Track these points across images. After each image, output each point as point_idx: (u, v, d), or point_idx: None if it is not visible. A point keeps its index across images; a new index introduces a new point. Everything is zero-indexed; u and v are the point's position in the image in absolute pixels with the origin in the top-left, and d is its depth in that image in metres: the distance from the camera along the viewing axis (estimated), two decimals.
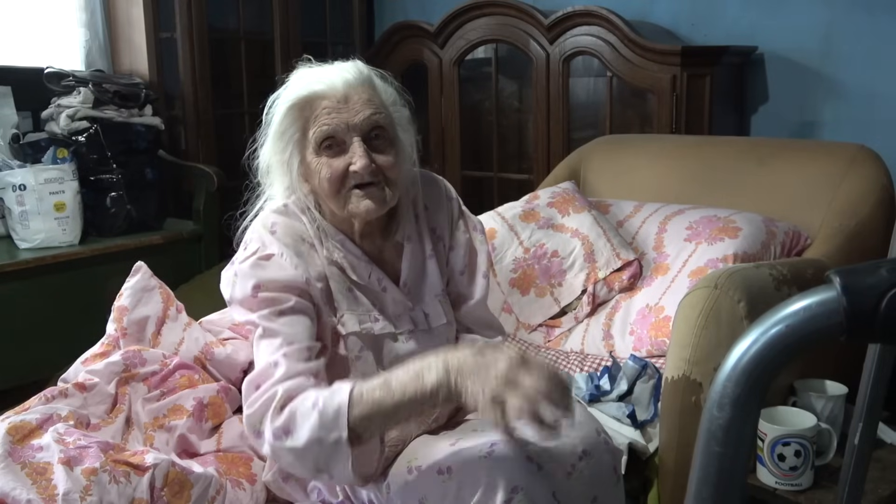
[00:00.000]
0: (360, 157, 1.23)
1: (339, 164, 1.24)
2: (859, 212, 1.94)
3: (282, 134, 1.28)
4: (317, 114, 1.25)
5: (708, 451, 0.46)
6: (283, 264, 1.25)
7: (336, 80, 1.26)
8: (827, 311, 0.44)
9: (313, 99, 1.25)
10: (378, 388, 1.10)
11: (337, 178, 1.25)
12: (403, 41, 3.09)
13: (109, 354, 1.39)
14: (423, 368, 1.10)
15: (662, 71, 2.50)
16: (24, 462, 1.13)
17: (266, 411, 1.14)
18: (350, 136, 1.24)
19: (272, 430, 1.13)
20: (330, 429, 1.10)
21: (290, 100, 1.27)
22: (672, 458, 1.53)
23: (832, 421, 1.57)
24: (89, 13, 2.82)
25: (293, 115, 1.27)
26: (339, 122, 1.24)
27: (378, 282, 1.33)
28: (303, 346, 1.20)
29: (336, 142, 1.25)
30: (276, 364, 1.17)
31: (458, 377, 1.07)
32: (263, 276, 1.23)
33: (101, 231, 2.60)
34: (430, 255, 1.39)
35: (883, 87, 2.44)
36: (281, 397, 1.14)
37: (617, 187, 2.37)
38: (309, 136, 1.26)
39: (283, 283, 1.23)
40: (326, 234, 1.31)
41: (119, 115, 2.62)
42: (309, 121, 1.26)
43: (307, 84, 1.27)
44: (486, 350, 1.10)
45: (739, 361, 0.45)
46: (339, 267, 1.30)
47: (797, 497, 1.46)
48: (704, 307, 1.50)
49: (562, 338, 2.07)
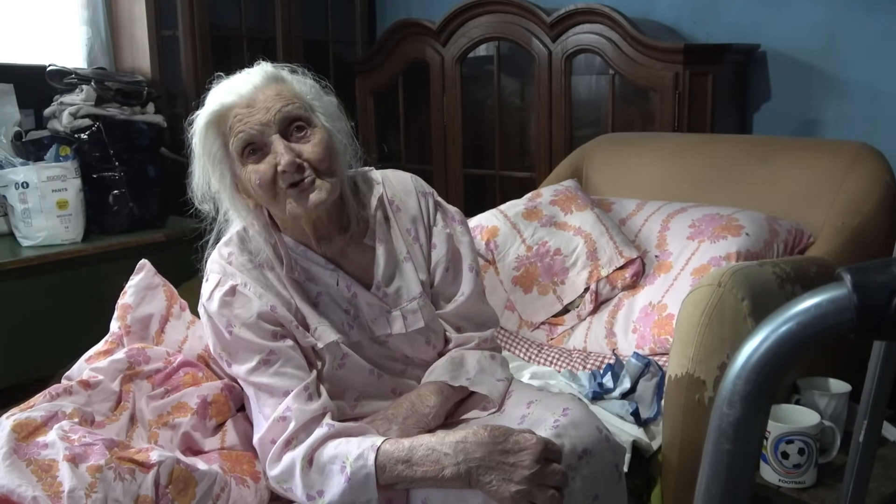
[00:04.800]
0: (282, 154, 1.20)
1: (266, 167, 1.21)
2: (862, 210, 1.94)
3: (208, 156, 1.25)
4: (230, 124, 1.22)
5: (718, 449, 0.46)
6: (248, 295, 1.25)
7: (241, 87, 1.23)
8: (838, 308, 0.44)
9: (224, 111, 1.23)
10: (401, 463, 1.14)
11: (268, 182, 1.21)
12: (405, 39, 3.09)
13: (113, 352, 1.39)
14: (442, 456, 1.13)
15: (665, 69, 2.50)
16: (29, 459, 1.13)
17: (293, 475, 1.18)
18: (268, 136, 1.21)
19: (305, 492, 1.18)
20: (360, 493, 1.15)
21: (203, 119, 1.24)
22: (675, 456, 1.53)
23: (836, 419, 1.57)
24: (91, 10, 2.83)
25: (212, 133, 1.24)
26: (252, 124, 1.21)
27: (347, 288, 1.32)
28: (299, 389, 1.22)
29: (257, 146, 1.22)
30: (284, 419, 1.20)
31: (478, 473, 1.11)
32: (232, 314, 1.25)
33: (103, 229, 2.60)
34: (405, 258, 1.37)
35: (886, 84, 2.44)
36: (304, 458, 1.18)
37: (619, 185, 2.37)
38: (230, 149, 1.23)
39: (254, 321, 1.24)
40: (286, 249, 1.30)
41: (121, 113, 2.62)
42: (227, 135, 1.23)
43: (216, 99, 1.24)
44: (509, 440, 1.13)
45: (750, 359, 0.45)
46: (298, 283, 1.30)
47: (800, 495, 1.46)
48: (708, 305, 1.50)
49: (564, 336, 2.07)
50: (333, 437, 1.19)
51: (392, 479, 1.15)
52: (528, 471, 1.10)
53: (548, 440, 1.14)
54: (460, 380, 1.32)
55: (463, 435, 1.15)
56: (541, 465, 1.11)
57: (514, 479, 1.10)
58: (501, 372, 1.39)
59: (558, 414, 1.22)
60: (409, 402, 1.30)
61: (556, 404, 1.25)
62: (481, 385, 1.33)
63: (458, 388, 1.33)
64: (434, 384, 1.32)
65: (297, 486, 1.18)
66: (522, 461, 1.10)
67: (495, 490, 1.10)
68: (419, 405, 1.29)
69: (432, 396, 1.30)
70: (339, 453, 1.16)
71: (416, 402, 1.30)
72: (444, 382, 1.32)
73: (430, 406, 1.29)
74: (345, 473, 1.14)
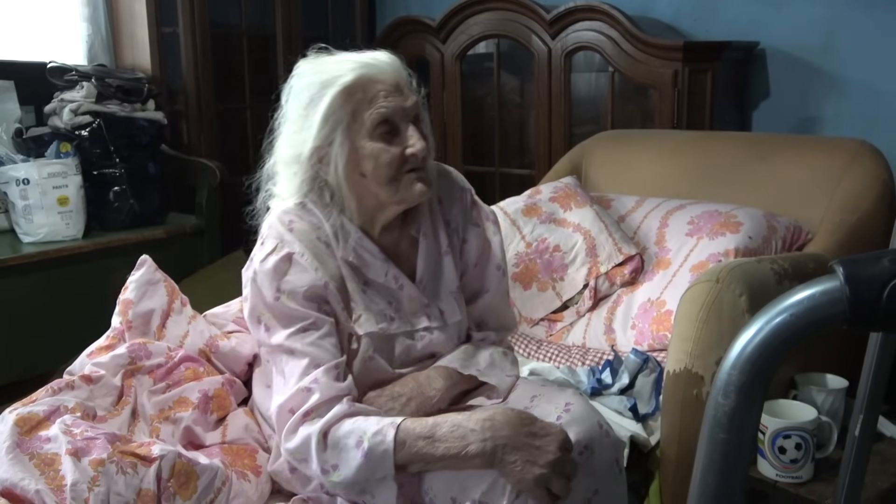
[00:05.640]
0: (418, 139, 1.25)
1: (397, 149, 1.25)
2: (860, 207, 1.95)
3: (332, 118, 1.24)
4: (371, 96, 1.23)
5: (713, 439, 0.47)
6: (304, 265, 1.24)
7: (384, 65, 1.26)
8: (830, 300, 0.44)
9: (366, 82, 1.24)
10: (422, 440, 1.14)
11: (396, 163, 1.25)
12: (405, 36, 3.10)
13: (115, 347, 1.40)
14: (469, 432, 1.13)
15: (664, 66, 2.51)
16: (32, 453, 1.14)
17: (309, 449, 1.17)
18: (404, 122, 1.26)
19: (320, 466, 1.17)
20: (376, 469, 1.14)
21: (345, 81, 1.23)
22: (674, 451, 1.54)
23: (833, 414, 1.58)
24: (91, 8, 2.83)
25: (345, 97, 1.23)
26: (395, 106, 1.24)
27: (395, 279, 1.33)
28: (330, 365, 1.21)
29: (391, 127, 1.25)
30: (308, 389, 1.19)
31: (504, 451, 1.11)
32: (285, 281, 1.23)
33: (104, 225, 2.61)
34: (445, 251, 1.38)
35: (884, 82, 2.45)
36: (321, 431, 1.17)
37: (618, 182, 2.37)
38: (363, 118, 1.24)
39: (304, 291, 1.23)
40: (344, 232, 1.30)
41: (122, 110, 2.62)
42: (361, 104, 1.24)
43: (353, 68, 1.24)
44: (535, 424, 1.14)
45: (744, 350, 0.46)
46: (353, 267, 1.30)
47: (797, 489, 1.47)
48: (706, 301, 1.51)
49: (563, 332, 2.08)
50: (352, 415, 1.18)
51: (410, 457, 1.14)
52: (553, 456, 1.11)
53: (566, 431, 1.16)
54: (470, 369, 1.33)
55: (490, 413, 1.16)
56: (562, 453, 1.13)
57: (538, 461, 1.11)
58: (511, 369, 1.40)
59: (561, 409, 1.23)
60: (415, 383, 1.29)
61: (559, 399, 1.26)
62: (490, 377, 1.34)
63: (467, 376, 1.33)
64: (444, 369, 1.32)
65: (312, 460, 1.17)
66: (548, 446, 1.12)
67: (518, 471, 1.11)
68: (426, 387, 1.29)
69: (440, 380, 1.30)
70: (357, 428, 1.16)
71: (423, 383, 1.29)
72: (454, 369, 1.32)
73: (436, 389, 1.28)
74: (361, 448, 1.14)
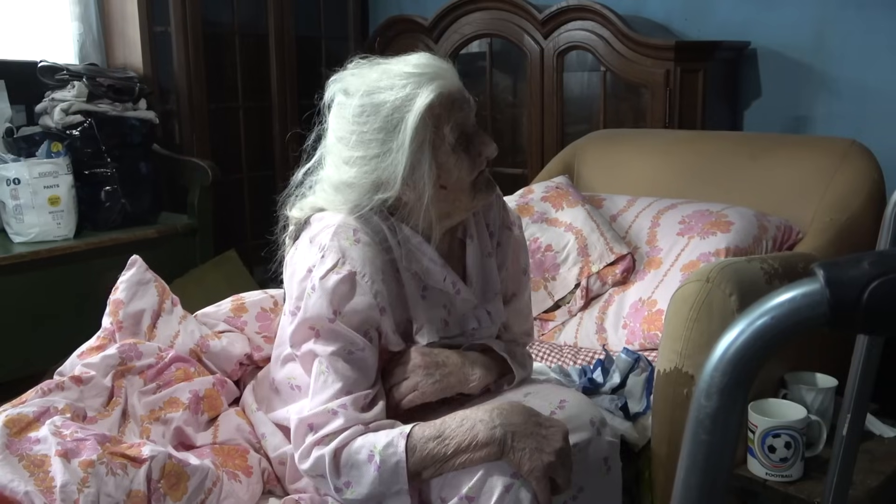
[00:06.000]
0: (490, 141, 1.27)
1: (474, 155, 1.27)
2: (850, 206, 1.95)
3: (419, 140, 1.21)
4: (448, 110, 1.23)
5: (696, 440, 0.48)
6: (364, 287, 1.21)
7: (448, 73, 1.26)
8: (811, 302, 0.45)
9: (444, 98, 1.23)
10: (432, 441, 1.14)
11: (476, 169, 1.27)
12: (398, 35, 3.10)
13: (105, 348, 1.40)
14: (477, 421, 1.14)
15: (656, 66, 2.51)
16: (21, 454, 1.14)
17: (323, 470, 1.18)
18: (472, 126, 1.27)
19: (333, 484, 1.18)
20: (391, 483, 1.15)
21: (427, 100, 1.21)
22: (664, 450, 1.54)
23: (822, 413, 1.59)
24: (83, 6, 2.82)
25: (426, 118, 1.21)
26: (471, 119, 1.27)
27: (452, 284, 1.33)
28: (361, 394, 1.21)
29: (467, 138, 1.26)
30: (334, 413, 1.19)
31: (514, 438, 1.13)
32: (342, 302, 1.21)
33: (95, 225, 2.60)
34: (488, 253, 1.39)
35: (874, 82, 2.46)
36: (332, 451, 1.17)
37: (610, 182, 2.38)
38: (444, 133, 1.23)
39: (360, 318, 1.22)
40: (407, 241, 1.28)
41: (113, 109, 2.62)
42: (441, 119, 1.22)
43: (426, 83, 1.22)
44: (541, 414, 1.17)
45: (727, 352, 0.46)
46: (414, 275, 1.29)
47: (787, 488, 1.47)
48: (696, 300, 1.51)
49: (555, 331, 2.08)
50: (363, 434, 1.19)
51: (422, 462, 1.14)
52: (559, 444, 1.13)
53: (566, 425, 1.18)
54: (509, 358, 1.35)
55: (498, 404, 1.18)
56: (566, 444, 1.15)
57: (546, 449, 1.12)
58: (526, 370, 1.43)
59: (555, 406, 1.24)
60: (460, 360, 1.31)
61: (554, 396, 1.28)
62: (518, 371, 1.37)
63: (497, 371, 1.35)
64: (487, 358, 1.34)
65: (326, 479, 1.19)
66: (555, 435, 1.14)
67: (528, 458, 1.12)
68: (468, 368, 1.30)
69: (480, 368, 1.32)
70: (367, 443, 1.16)
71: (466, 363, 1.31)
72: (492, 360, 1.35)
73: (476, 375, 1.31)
74: (374, 462, 1.15)
